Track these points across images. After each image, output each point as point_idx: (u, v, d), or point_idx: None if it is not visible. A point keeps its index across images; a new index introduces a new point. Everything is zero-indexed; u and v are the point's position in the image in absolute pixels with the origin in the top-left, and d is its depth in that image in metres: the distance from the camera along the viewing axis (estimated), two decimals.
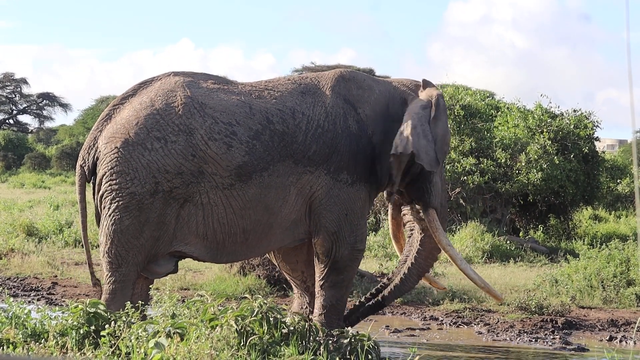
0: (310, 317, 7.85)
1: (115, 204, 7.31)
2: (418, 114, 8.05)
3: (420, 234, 8.39)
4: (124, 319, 6.27)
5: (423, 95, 8.30)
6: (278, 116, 7.66)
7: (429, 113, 8.13)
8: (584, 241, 15.26)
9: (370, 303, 8.46)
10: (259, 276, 10.98)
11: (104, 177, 7.37)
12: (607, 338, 9.20)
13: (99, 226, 7.58)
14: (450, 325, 9.81)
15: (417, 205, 8.36)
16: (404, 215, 8.59)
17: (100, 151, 7.43)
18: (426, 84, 8.41)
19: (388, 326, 9.58)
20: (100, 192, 7.41)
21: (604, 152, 18.52)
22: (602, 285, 10.82)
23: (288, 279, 8.59)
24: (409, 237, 8.56)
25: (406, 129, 7.93)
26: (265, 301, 6.39)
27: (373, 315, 8.71)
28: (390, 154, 7.89)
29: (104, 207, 7.39)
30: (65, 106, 56.82)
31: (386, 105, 8.18)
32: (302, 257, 8.38)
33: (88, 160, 7.53)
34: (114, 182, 7.31)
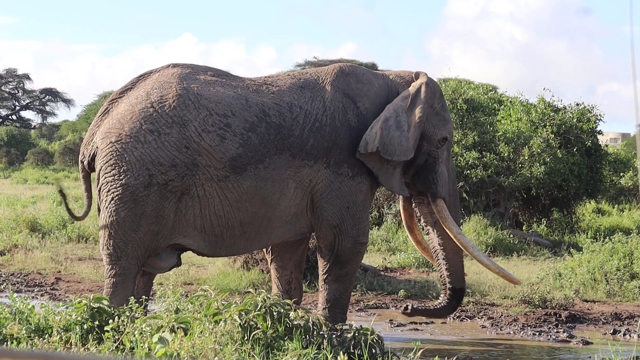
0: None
1: (111, 197, 7.37)
2: (395, 105, 8.05)
3: (433, 224, 8.44)
4: (128, 314, 6.28)
5: (411, 86, 8.29)
6: (275, 109, 7.66)
7: (407, 103, 8.11)
8: (587, 235, 15.24)
9: (443, 305, 8.69)
10: (263, 270, 10.98)
11: (100, 171, 7.45)
12: (611, 331, 9.19)
13: None
14: (453, 319, 9.81)
15: (427, 196, 8.38)
16: (416, 208, 8.59)
17: (97, 146, 7.49)
18: (417, 75, 8.41)
19: (392, 320, 9.58)
20: (98, 186, 7.49)
21: (606, 146, 18.49)
22: (605, 279, 10.82)
23: (273, 277, 8.50)
24: (427, 232, 8.60)
25: (376, 123, 7.91)
26: (269, 295, 6.39)
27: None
28: (357, 151, 7.87)
29: (102, 201, 7.47)
30: (68, 102, 56.84)
31: (386, 98, 8.18)
32: (295, 256, 8.37)
33: (87, 155, 7.61)
34: (108, 175, 7.38)
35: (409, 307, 8.60)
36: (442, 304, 8.66)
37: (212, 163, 7.41)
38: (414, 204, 8.58)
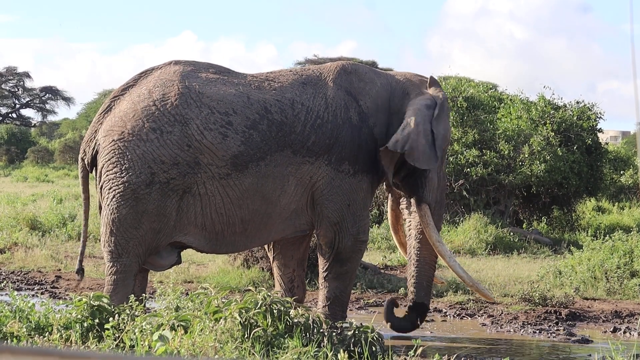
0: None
1: (113, 194, 7.38)
2: (422, 113, 8.05)
3: (416, 228, 8.38)
4: (128, 312, 6.28)
5: (428, 93, 8.28)
6: (276, 106, 7.67)
7: (432, 113, 8.11)
8: (587, 232, 15.23)
9: (402, 318, 8.48)
10: (263, 268, 10.98)
11: (103, 168, 7.46)
12: (611, 329, 9.19)
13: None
14: (454, 317, 9.81)
15: (411, 200, 8.35)
16: (402, 210, 8.58)
17: (99, 144, 7.49)
18: (433, 82, 8.39)
19: None
20: (100, 184, 7.51)
21: (607, 144, 18.48)
22: (605, 277, 10.81)
23: (275, 275, 8.52)
24: (408, 236, 8.53)
25: (409, 125, 7.92)
26: (269, 293, 6.39)
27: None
28: (384, 147, 7.86)
29: (104, 198, 7.49)
30: (68, 100, 56.86)
31: (388, 98, 8.18)
32: (297, 254, 8.38)
33: (88, 152, 7.62)
34: (111, 172, 7.39)
35: (393, 301, 8.46)
36: (402, 317, 8.51)
37: (213, 161, 7.42)
38: (400, 207, 8.57)
